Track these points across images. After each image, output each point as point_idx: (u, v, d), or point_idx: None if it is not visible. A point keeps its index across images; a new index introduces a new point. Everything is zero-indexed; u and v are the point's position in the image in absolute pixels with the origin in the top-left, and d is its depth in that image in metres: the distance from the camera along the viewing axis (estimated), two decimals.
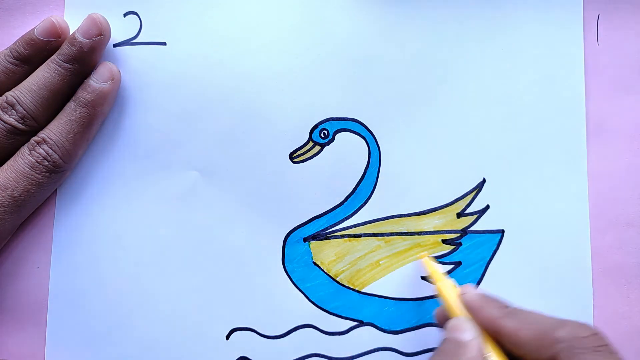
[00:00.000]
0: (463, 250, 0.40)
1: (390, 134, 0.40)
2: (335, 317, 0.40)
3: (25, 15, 0.41)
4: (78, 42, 0.38)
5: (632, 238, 0.40)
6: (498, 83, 0.40)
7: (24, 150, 0.38)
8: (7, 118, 0.37)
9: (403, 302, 0.40)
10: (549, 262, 0.40)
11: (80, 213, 0.40)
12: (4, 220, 0.37)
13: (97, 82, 0.38)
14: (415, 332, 0.40)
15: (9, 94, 0.38)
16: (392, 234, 0.40)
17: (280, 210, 0.40)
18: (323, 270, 0.40)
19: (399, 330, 0.40)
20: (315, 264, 0.40)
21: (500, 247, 0.40)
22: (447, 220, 0.40)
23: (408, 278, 0.40)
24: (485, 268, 0.40)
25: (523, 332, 0.32)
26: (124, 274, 0.40)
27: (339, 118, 0.40)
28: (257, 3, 0.41)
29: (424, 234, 0.40)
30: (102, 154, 0.40)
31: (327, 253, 0.40)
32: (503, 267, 0.40)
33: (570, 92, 0.40)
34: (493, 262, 0.40)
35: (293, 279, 0.40)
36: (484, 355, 0.32)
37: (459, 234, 0.40)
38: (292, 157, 0.40)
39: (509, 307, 0.34)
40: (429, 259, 0.39)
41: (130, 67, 0.40)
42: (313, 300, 0.40)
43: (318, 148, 0.40)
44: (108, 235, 0.40)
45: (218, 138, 0.40)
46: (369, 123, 0.40)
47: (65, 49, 0.38)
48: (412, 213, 0.40)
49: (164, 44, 0.40)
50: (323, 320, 0.40)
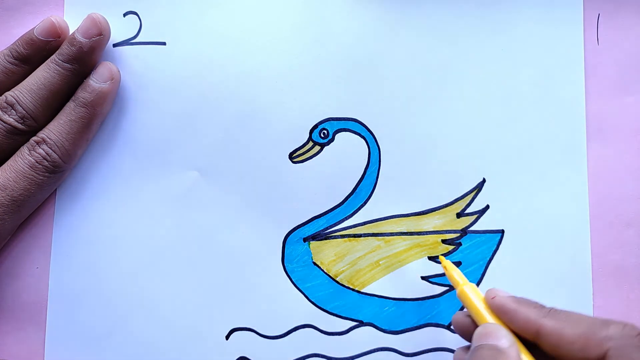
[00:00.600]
0: (463, 250, 0.40)
1: (390, 134, 0.40)
2: (335, 317, 0.40)
3: (25, 15, 0.41)
4: (78, 42, 0.38)
5: (632, 238, 0.40)
6: (498, 83, 0.40)
7: (24, 150, 0.38)
8: (6, 118, 0.37)
9: (403, 302, 0.40)
10: (549, 262, 0.40)
11: (80, 213, 0.40)
12: (4, 221, 0.37)
13: (96, 82, 0.38)
14: (415, 332, 0.40)
15: (9, 94, 0.38)
16: (392, 234, 0.40)
17: (280, 210, 0.40)
18: (323, 270, 0.40)
19: (399, 331, 0.40)
20: (315, 264, 0.40)
21: (500, 247, 0.40)
22: (447, 220, 0.40)
23: (408, 278, 0.40)
24: (485, 268, 0.40)
25: (568, 330, 0.31)
26: (124, 274, 0.40)
27: (339, 118, 0.40)
28: (257, 3, 0.40)
29: (424, 234, 0.40)
30: (101, 154, 0.40)
31: (327, 253, 0.40)
32: (503, 267, 0.40)
33: (570, 92, 0.40)
34: (493, 262, 0.40)
35: (293, 279, 0.40)
36: None
37: (459, 234, 0.40)
38: (292, 157, 0.40)
39: (546, 307, 0.33)
40: (448, 261, 0.38)
41: (130, 67, 0.40)
42: (313, 301, 0.40)
43: (318, 148, 0.40)
44: (108, 235, 0.40)
45: (218, 138, 0.40)
46: (369, 123, 0.40)
47: (65, 49, 0.38)
48: (412, 213, 0.40)
49: (164, 44, 0.40)
50: (323, 321, 0.40)
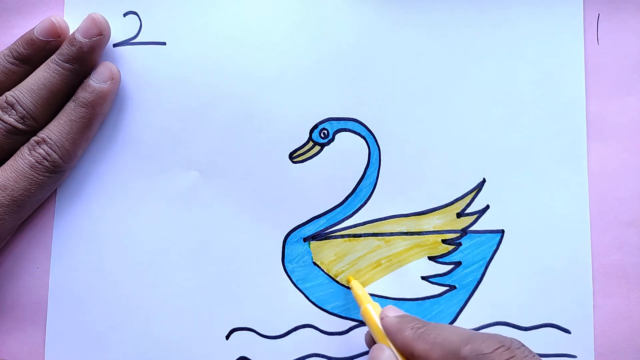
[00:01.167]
0: (463, 250, 0.40)
1: (390, 134, 0.40)
2: (335, 317, 0.40)
3: (25, 15, 0.41)
4: (78, 42, 0.38)
5: (632, 238, 0.40)
6: (498, 83, 0.40)
7: (24, 150, 0.38)
8: (7, 118, 0.37)
9: (403, 302, 0.40)
10: (549, 262, 0.40)
11: (80, 213, 0.40)
12: (4, 220, 0.37)
13: (96, 82, 0.38)
14: None
15: (9, 94, 0.38)
16: (392, 234, 0.40)
17: (280, 210, 0.40)
18: (323, 270, 0.40)
19: None
20: (315, 264, 0.40)
21: (500, 247, 0.40)
22: (447, 220, 0.40)
23: (408, 278, 0.40)
24: (485, 268, 0.40)
25: (433, 354, 0.31)
26: (124, 274, 0.40)
27: (339, 118, 0.40)
28: (257, 3, 0.40)
29: (424, 234, 0.40)
30: (102, 154, 0.40)
31: (327, 253, 0.40)
32: (503, 267, 0.40)
33: (570, 92, 0.40)
34: (493, 262, 0.40)
35: (293, 279, 0.40)
36: None
37: (459, 234, 0.40)
38: (292, 157, 0.40)
39: (423, 326, 0.33)
40: (355, 281, 0.39)
41: (130, 67, 0.40)
42: (313, 300, 0.40)
43: (318, 148, 0.40)
44: (108, 235, 0.40)
45: (218, 138, 0.40)
46: (369, 123, 0.40)
47: (65, 49, 0.38)
48: (412, 213, 0.40)
49: (164, 44, 0.40)
50: (323, 320, 0.40)
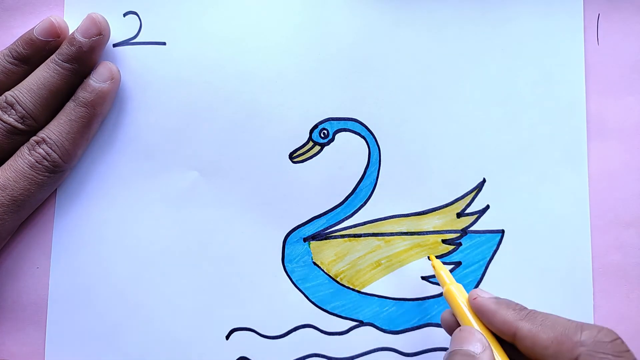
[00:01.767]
0: (463, 250, 0.40)
1: (390, 134, 0.40)
2: (335, 317, 0.40)
3: (25, 15, 0.41)
4: (77, 41, 0.38)
5: (632, 238, 0.40)
6: (498, 83, 0.40)
7: (24, 150, 0.38)
8: (6, 118, 0.37)
9: (403, 302, 0.40)
10: (549, 262, 0.40)
11: (80, 213, 0.40)
12: (4, 220, 0.37)
13: (96, 81, 0.38)
14: (415, 332, 0.40)
15: (9, 94, 0.38)
16: (392, 234, 0.40)
17: (280, 210, 0.40)
18: (323, 270, 0.40)
19: (399, 330, 0.40)
20: (315, 264, 0.40)
21: (500, 247, 0.40)
22: (447, 220, 0.40)
23: (408, 278, 0.40)
24: (485, 268, 0.40)
25: (542, 334, 0.31)
26: (124, 274, 0.40)
27: (339, 118, 0.40)
28: (257, 3, 0.40)
29: (424, 234, 0.40)
30: (102, 154, 0.40)
31: (327, 253, 0.40)
32: (503, 267, 0.40)
33: (570, 92, 0.40)
34: (493, 262, 0.40)
35: (293, 279, 0.40)
36: None
37: (459, 234, 0.40)
38: (292, 157, 0.40)
39: (526, 309, 0.33)
40: (437, 261, 0.39)
41: (130, 67, 0.40)
42: (313, 300, 0.40)
43: (318, 148, 0.40)
44: (108, 235, 0.40)
45: (218, 138, 0.40)
46: (369, 123, 0.40)
47: (65, 49, 0.38)
48: (412, 213, 0.40)
49: (164, 44, 0.40)
50: (323, 320, 0.40)
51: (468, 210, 0.40)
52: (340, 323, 0.40)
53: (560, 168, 0.40)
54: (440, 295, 0.40)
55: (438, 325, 0.39)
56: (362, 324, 0.40)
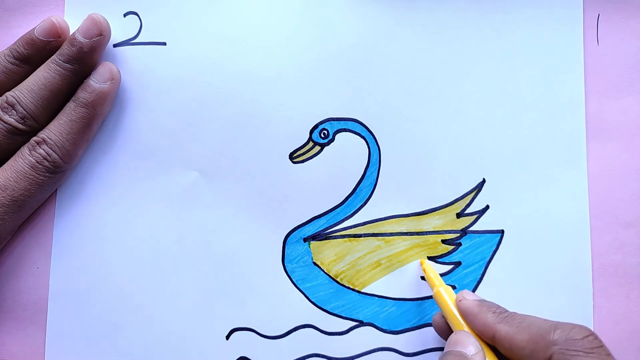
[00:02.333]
0: (463, 251, 0.40)
1: (390, 134, 0.40)
2: (335, 317, 0.40)
3: (25, 15, 0.41)
4: (78, 42, 0.38)
5: (632, 238, 0.40)
6: (498, 83, 0.40)
7: (24, 151, 0.38)
8: (7, 118, 0.37)
9: (403, 302, 0.40)
10: (549, 262, 0.40)
11: (80, 213, 0.40)
12: (4, 221, 0.37)
13: (97, 82, 0.38)
14: (415, 332, 0.40)
15: (9, 94, 0.38)
16: (392, 234, 0.40)
17: (280, 210, 0.40)
18: (323, 271, 0.40)
19: (399, 330, 0.40)
20: (315, 264, 0.40)
21: (500, 247, 0.40)
22: (447, 220, 0.40)
23: (408, 278, 0.40)
24: (485, 268, 0.40)
25: (518, 336, 0.32)
26: (124, 274, 0.40)
27: (339, 118, 0.40)
28: (257, 3, 0.41)
29: (424, 234, 0.40)
30: (102, 154, 0.40)
31: (327, 253, 0.40)
32: (503, 267, 0.40)
33: (570, 92, 0.40)
34: (493, 262, 0.40)
35: (293, 279, 0.40)
36: None
37: (459, 234, 0.40)
38: (292, 157, 0.40)
39: (505, 312, 0.34)
40: (428, 263, 0.39)
41: (130, 67, 0.40)
42: (313, 301, 0.40)
43: (318, 148, 0.40)
44: (108, 235, 0.40)
45: (218, 138, 0.40)
46: (369, 123, 0.40)
47: (65, 49, 0.38)
48: (412, 213, 0.40)
49: (164, 44, 0.40)
50: (323, 320, 0.40)
51: (468, 211, 0.40)
52: (340, 323, 0.40)
53: (560, 168, 0.40)
54: None
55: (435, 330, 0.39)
56: (362, 324, 0.40)
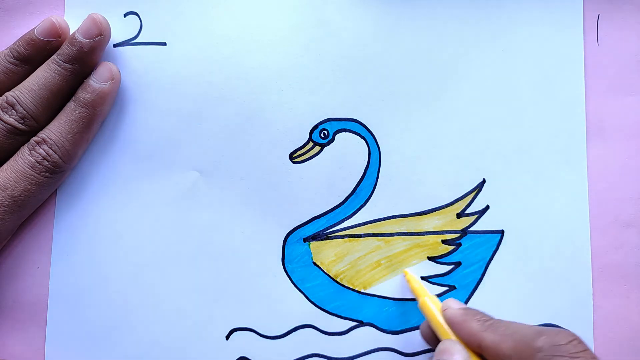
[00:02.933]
0: (463, 251, 0.40)
1: (390, 134, 0.40)
2: (335, 317, 0.40)
3: (25, 15, 0.41)
4: (78, 42, 0.38)
5: (632, 238, 0.40)
6: (498, 83, 0.40)
7: (24, 151, 0.38)
8: (7, 118, 0.37)
9: (403, 302, 0.40)
10: (549, 262, 0.40)
11: (80, 213, 0.40)
12: (4, 220, 0.37)
13: (97, 82, 0.38)
14: (415, 332, 0.39)
15: (9, 94, 0.38)
16: (392, 234, 0.40)
17: (280, 210, 0.40)
18: (323, 271, 0.40)
19: (399, 331, 0.40)
20: (315, 264, 0.40)
21: (500, 247, 0.40)
22: (447, 221, 0.40)
23: None
24: (485, 268, 0.40)
25: (504, 344, 0.32)
26: (124, 274, 0.40)
27: (339, 118, 0.40)
28: (257, 3, 0.41)
29: (424, 234, 0.40)
30: (102, 154, 0.40)
31: (327, 253, 0.40)
32: (503, 267, 0.40)
33: (570, 92, 0.40)
34: (493, 262, 0.40)
35: (293, 279, 0.40)
36: None
37: (459, 234, 0.40)
38: (292, 157, 0.40)
39: (490, 319, 0.34)
40: (411, 274, 0.39)
41: (131, 67, 0.40)
42: (313, 301, 0.40)
43: (318, 148, 0.40)
44: (108, 235, 0.40)
45: (218, 138, 0.40)
46: (369, 123, 0.40)
47: (66, 49, 0.38)
48: (412, 213, 0.40)
49: (164, 44, 0.40)
50: (323, 321, 0.40)
51: (468, 211, 0.40)
52: (340, 323, 0.40)
53: (560, 168, 0.40)
54: (441, 296, 0.40)
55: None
56: (362, 324, 0.40)
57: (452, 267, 0.40)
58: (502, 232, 0.40)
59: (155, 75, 0.40)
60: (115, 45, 0.40)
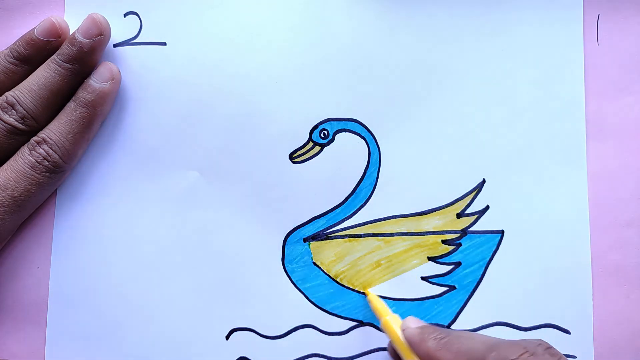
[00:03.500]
0: (463, 251, 0.40)
1: (390, 134, 0.40)
2: (335, 317, 0.40)
3: (25, 15, 0.41)
4: (78, 42, 0.38)
5: (632, 238, 0.40)
6: (498, 83, 0.40)
7: (24, 151, 0.38)
8: (7, 118, 0.37)
9: (403, 302, 0.40)
10: (549, 262, 0.40)
11: (80, 213, 0.40)
12: (4, 220, 0.37)
13: (97, 82, 0.38)
14: None
15: (9, 94, 0.38)
16: (392, 234, 0.40)
17: (280, 210, 0.40)
18: (323, 271, 0.40)
19: None
20: (315, 264, 0.40)
21: (500, 247, 0.40)
22: (447, 221, 0.40)
23: (408, 278, 0.40)
24: (485, 268, 0.40)
25: None
26: (124, 274, 0.40)
27: (339, 118, 0.40)
28: (257, 3, 0.41)
29: (424, 235, 0.40)
30: (102, 154, 0.40)
31: (327, 253, 0.40)
32: (503, 267, 0.40)
33: (570, 92, 0.40)
34: (493, 262, 0.40)
35: (293, 279, 0.40)
36: None
37: (459, 235, 0.40)
38: (292, 157, 0.40)
39: (446, 337, 0.34)
40: (373, 294, 0.39)
41: (130, 67, 0.40)
42: (313, 301, 0.40)
43: (318, 148, 0.40)
44: (108, 235, 0.40)
45: (218, 138, 0.40)
46: (369, 123, 0.40)
47: (66, 49, 0.38)
48: (412, 213, 0.40)
49: (164, 44, 0.40)
50: (323, 321, 0.40)
51: (468, 211, 0.40)
52: (340, 323, 0.40)
53: (560, 168, 0.40)
54: (440, 296, 0.40)
55: (438, 325, 0.39)
56: (362, 324, 0.40)
57: (452, 267, 0.40)
58: (502, 232, 0.40)
59: (155, 75, 0.40)
60: (115, 45, 0.40)
